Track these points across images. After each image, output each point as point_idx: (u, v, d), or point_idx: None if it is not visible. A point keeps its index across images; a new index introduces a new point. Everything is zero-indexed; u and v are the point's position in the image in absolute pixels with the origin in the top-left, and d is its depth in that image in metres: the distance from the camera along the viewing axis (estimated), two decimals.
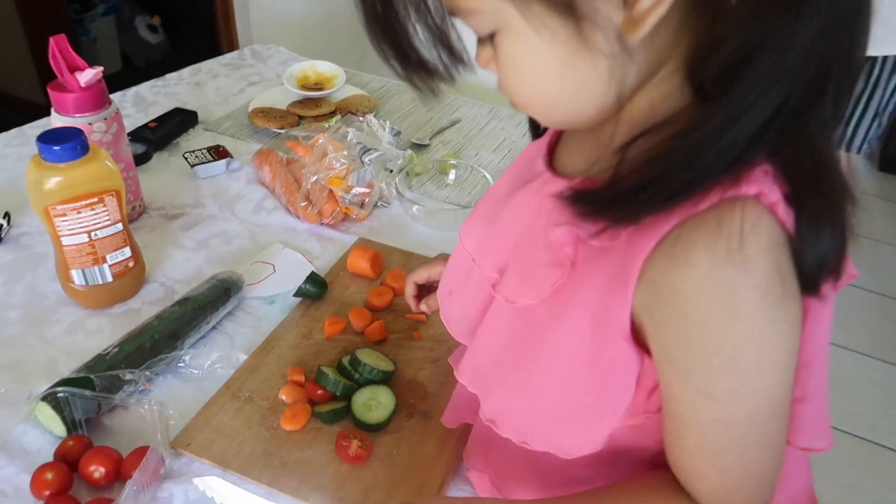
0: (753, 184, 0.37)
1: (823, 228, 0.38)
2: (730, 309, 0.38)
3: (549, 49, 0.39)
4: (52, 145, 0.70)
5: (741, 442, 0.43)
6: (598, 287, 0.43)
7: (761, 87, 0.35)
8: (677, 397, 0.43)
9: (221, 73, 1.35)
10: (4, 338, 0.76)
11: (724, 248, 0.37)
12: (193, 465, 0.64)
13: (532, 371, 0.48)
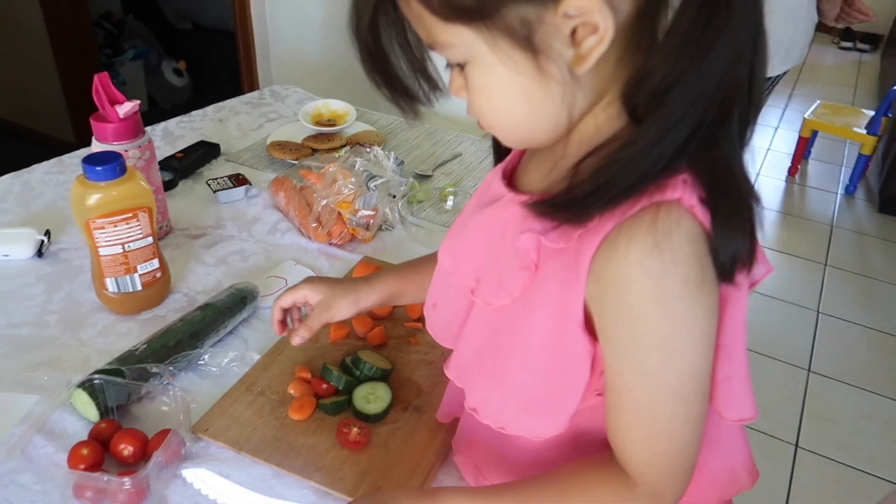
0: (675, 190, 0.45)
1: (734, 226, 0.46)
2: (658, 294, 0.46)
3: (513, 78, 0.46)
4: (95, 166, 0.79)
5: (666, 416, 0.50)
6: (556, 284, 0.50)
7: (682, 110, 0.44)
8: (616, 376, 0.51)
9: (242, 111, 1.47)
10: (45, 338, 0.85)
11: (652, 242, 0.44)
12: (210, 448, 0.72)
13: (507, 363, 0.56)
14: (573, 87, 0.47)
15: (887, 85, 3.58)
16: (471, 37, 0.45)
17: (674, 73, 0.43)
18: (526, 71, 0.46)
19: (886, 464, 1.81)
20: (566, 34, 0.44)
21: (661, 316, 0.46)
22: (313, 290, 0.76)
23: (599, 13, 0.42)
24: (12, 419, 0.70)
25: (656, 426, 0.50)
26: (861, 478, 1.77)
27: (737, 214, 0.46)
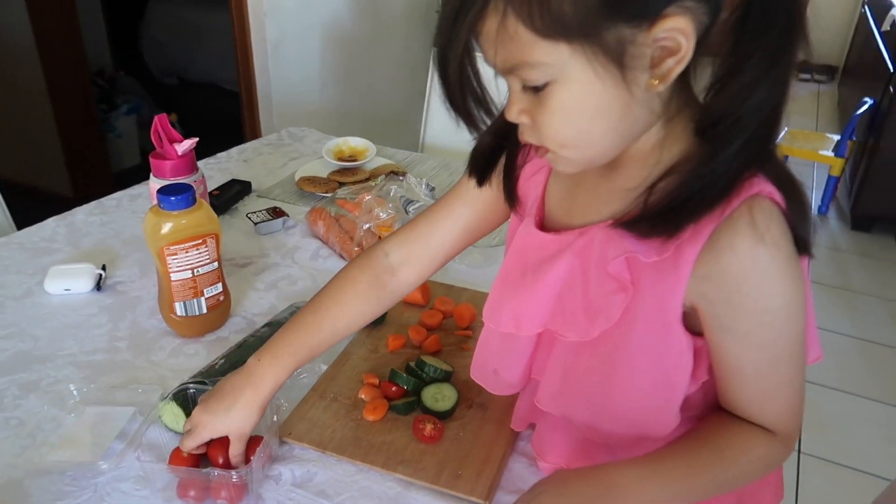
0: (756, 187, 0.53)
1: (801, 210, 0.54)
2: (771, 276, 0.54)
3: (600, 94, 0.50)
4: (170, 196, 0.86)
5: (787, 374, 0.58)
6: (655, 294, 0.57)
7: (751, 128, 0.51)
8: (736, 355, 0.58)
9: (265, 152, 1.54)
10: (119, 361, 0.90)
11: (754, 235, 0.52)
12: (294, 450, 0.77)
13: (611, 380, 0.62)
14: (644, 105, 0.52)
15: (846, 111, 3.80)
16: (567, 54, 0.49)
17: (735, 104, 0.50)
18: (611, 88, 0.50)
19: (882, 463, 1.89)
20: (649, 55, 0.49)
21: (777, 293, 0.55)
22: (213, 430, 0.71)
23: (684, 35, 0.48)
24: (112, 431, 0.75)
25: (780, 385, 0.59)
26: (861, 477, 1.85)
27: (801, 201, 0.55)
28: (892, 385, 2.19)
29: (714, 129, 0.51)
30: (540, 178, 0.68)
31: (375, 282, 0.78)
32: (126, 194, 1.34)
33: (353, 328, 0.80)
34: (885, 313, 2.56)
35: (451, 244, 0.78)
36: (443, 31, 0.51)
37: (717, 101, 0.51)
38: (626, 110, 0.52)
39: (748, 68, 0.49)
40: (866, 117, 3.05)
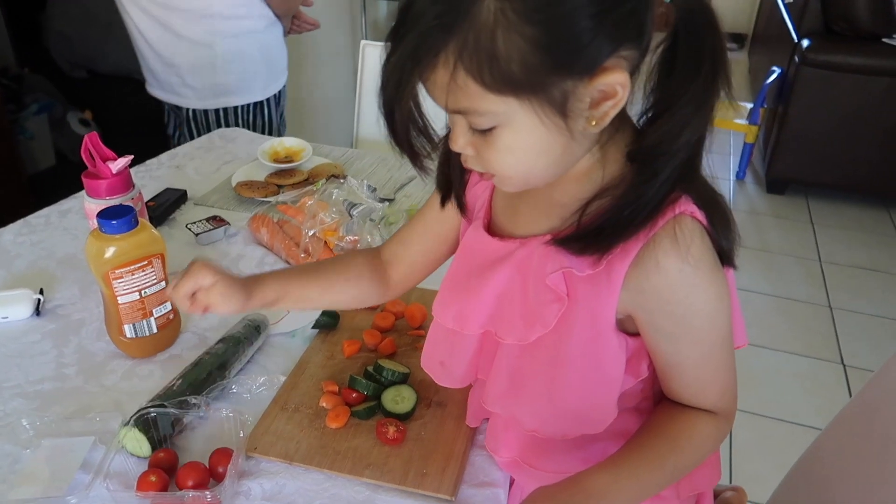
0: (680, 206, 0.58)
1: (724, 221, 0.61)
2: (696, 287, 0.60)
3: (542, 138, 0.55)
4: (111, 221, 0.85)
5: (720, 360, 0.66)
6: (589, 304, 0.62)
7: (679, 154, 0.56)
8: (673, 353, 0.65)
9: (197, 156, 1.51)
10: (70, 389, 0.88)
11: (678, 252, 0.58)
12: (262, 464, 0.78)
13: (553, 381, 0.66)
14: (584, 139, 0.58)
15: (757, 78, 3.98)
16: (515, 106, 0.53)
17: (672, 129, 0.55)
18: (555, 132, 0.54)
19: (806, 412, 2.04)
20: (588, 100, 0.53)
21: (703, 301, 0.62)
22: (208, 277, 0.75)
23: (621, 85, 0.53)
24: (73, 463, 0.74)
25: (715, 372, 0.67)
26: (788, 427, 1.99)
27: (723, 216, 0.61)
28: (810, 339, 2.36)
29: (644, 158, 0.57)
30: (486, 185, 0.72)
31: (374, 270, 0.84)
32: (54, 210, 1.29)
33: (340, 301, 0.87)
34: (800, 271, 2.74)
35: (429, 251, 0.83)
36: (392, 79, 0.53)
37: (649, 136, 0.56)
38: (567, 148, 0.57)
39: (678, 108, 0.54)
40: (775, 86, 3.21)
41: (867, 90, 2.90)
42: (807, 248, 2.90)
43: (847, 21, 3.02)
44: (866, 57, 2.91)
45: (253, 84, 1.73)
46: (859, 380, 2.15)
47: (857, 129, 2.98)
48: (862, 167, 3.05)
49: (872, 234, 3.02)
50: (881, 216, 3.15)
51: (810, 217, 3.14)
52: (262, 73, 1.74)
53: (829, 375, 2.20)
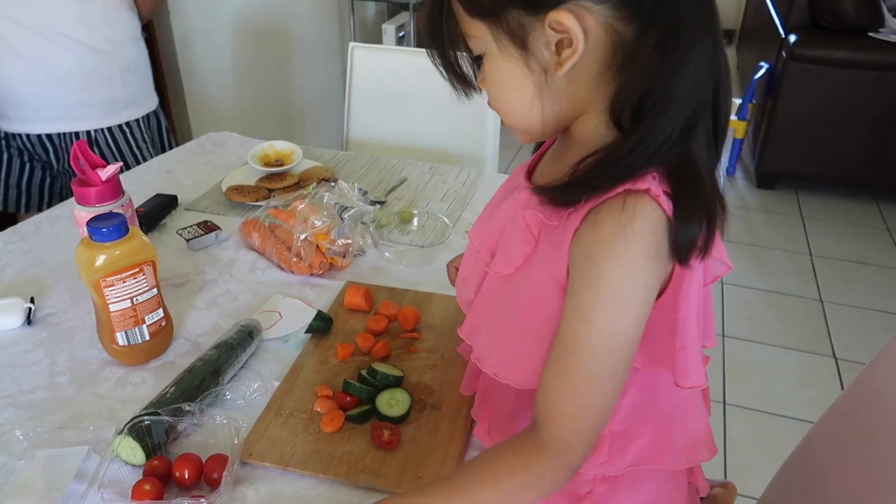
0: (645, 182, 0.57)
1: (692, 217, 0.57)
2: (617, 257, 0.57)
3: (510, 70, 0.61)
4: (101, 228, 0.84)
5: (598, 372, 0.60)
6: (549, 256, 0.63)
7: (656, 124, 0.56)
8: (567, 326, 0.61)
9: (187, 160, 1.51)
10: (63, 398, 0.88)
11: (619, 218, 0.56)
12: (256, 470, 0.78)
13: (509, 323, 0.68)
14: (554, 88, 0.61)
15: (745, 74, 4.00)
16: (485, 31, 0.60)
17: (645, 95, 0.56)
18: (519, 66, 0.60)
19: (800, 406, 2.06)
20: (552, 43, 0.58)
21: (617, 273, 0.57)
22: None
23: (574, 31, 0.56)
24: (67, 473, 0.74)
25: (586, 379, 0.60)
26: (781, 422, 2.00)
27: (696, 208, 0.57)
28: (800, 332, 2.37)
29: (617, 120, 0.60)
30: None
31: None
32: (44, 217, 1.29)
33: None
34: (790, 266, 2.75)
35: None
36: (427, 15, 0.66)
37: (624, 95, 0.59)
38: (541, 89, 0.61)
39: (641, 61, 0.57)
40: (763, 81, 3.23)
41: (854, 84, 2.92)
42: (797, 242, 2.92)
43: (833, 16, 3.04)
44: (853, 51, 2.93)
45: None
46: (851, 373, 2.17)
47: (844, 122, 3.00)
48: (850, 160, 3.07)
49: (862, 227, 3.04)
50: (870, 209, 3.18)
51: (800, 211, 3.16)
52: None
53: (821, 369, 2.21)
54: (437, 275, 1.13)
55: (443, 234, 1.20)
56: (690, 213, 0.57)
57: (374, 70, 1.87)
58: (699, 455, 0.74)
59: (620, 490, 0.71)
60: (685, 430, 0.72)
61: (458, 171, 1.46)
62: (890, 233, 2.99)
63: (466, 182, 1.42)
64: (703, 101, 0.57)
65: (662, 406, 0.70)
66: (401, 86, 1.84)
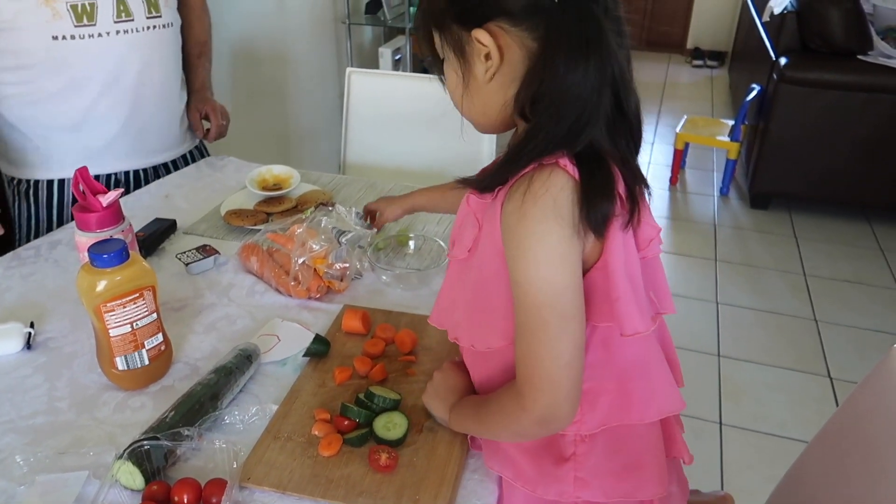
0: (552, 159, 0.67)
1: (600, 193, 0.66)
2: (523, 221, 0.67)
3: (459, 73, 0.73)
4: (102, 254, 0.86)
5: (525, 320, 0.69)
6: (490, 231, 0.72)
7: (550, 116, 0.67)
8: (513, 290, 0.70)
9: (185, 185, 1.53)
10: (63, 423, 0.89)
11: (525, 187, 0.67)
12: (255, 494, 0.79)
13: (473, 297, 0.78)
14: (487, 89, 0.73)
15: (738, 94, 4.05)
16: (438, 40, 0.74)
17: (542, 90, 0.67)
18: (462, 71, 0.73)
19: (796, 426, 2.06)
20: (481, 55, 0.70)
21: (525, 236, 0.67)
22: (378, 202, 1.24)
23: (491, 47, 0.69)
24: (67, 498, 0.75)
25: (520, 330, 0.70)
26: (777, 442, 2.01)
27: (601, 179, 0.67)
28: (794, 352, 2.38)
29: (520, 112, 0.71)
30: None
31: None
32: (44, 242, 1.30)
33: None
34: (785, 285, 2.77)
35: None
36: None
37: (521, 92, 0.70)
38: (479, 91, 0.73)
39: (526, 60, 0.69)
40: (756, 102, 3.27)
41: (844, 105, 2.96)
42: (791, 261, 2.94)
43: (823, 39, 3.09)
44: (842, 73, 2.97)
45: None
46: (846, 392, 2.17)
47: (836, 143, 3.04)
48: (842, 180, 3.10)
49: (855, 246, 3.07)
50: (863, 229, 3.20)
51: (794, 231, 3.18)
52: None
53: (816, 388, 2.22)
54: (434, 298, 1.14)
55: (439, 258, 1.21)
56: (596, 183, 0.67)
57: (371, 94, 1.90)
58: (668, 406, 0.80)
59: (600, 450, 0.78)
60: (649, 384, 0.79)
61: None
62: (883, 252, 3.02)
63: None
64: (595, 102, 0.67)
65: (624, 362, 0.77)
66: (397, 109, 1.86)
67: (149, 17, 1.43)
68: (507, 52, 0.69)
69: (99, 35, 1.36)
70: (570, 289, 0.68)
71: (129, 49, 1.42)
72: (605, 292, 0.70)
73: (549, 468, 0.78)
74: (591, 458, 0.78)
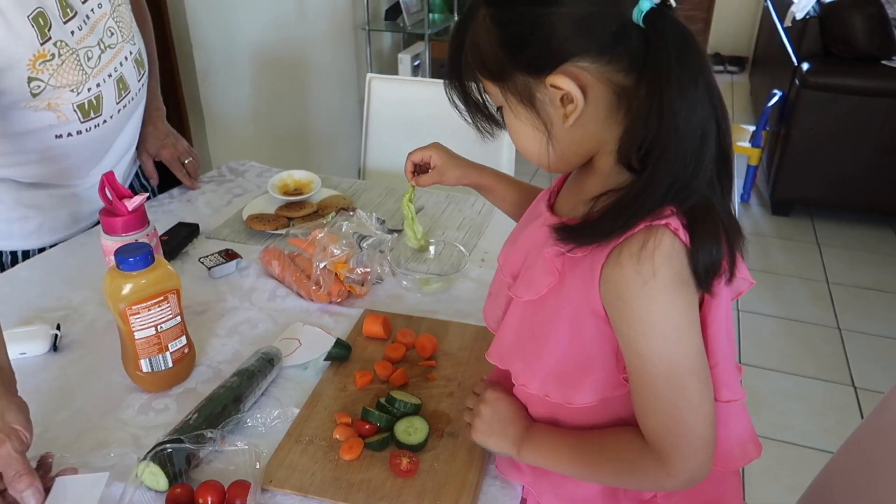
0: (664, 219, 0.61)
1: (708, 246, 0.61)
2: (643, 291, 0.61)
3: (527, 120, 0.67)
4: (128, 258, 0.87)
5: (664, 392, 0.64)
6: (578, 285, 0.67)
7: (662, 166, 0.60)
8: (628, 360, 0.66)
9: (207, 190, 1.54)
10: (87, 424, 0.90)
11: (640, 254, 0.61)
12: (276, 497, 0.79)
13: (542, 347, 0.72)
14: (565, 135, 0.67)
15: (758, 100, 4.02)
16: (497, 91, 0.68)
17: (648, 139, 0.60)
18: (529, 118, 0.67)
19: (818, 436, 2.03)
20: (556, 99, 0.64)
21: (647, 309, 0.62)
22: (437, 154, 1.04)
23: (572, 91, 0.62)
24: (91, 500, 0.75)
25: (657, 401, 0.65)
26: (800, 451, 1.98)
27: (711, 236, 0.62)
28: (818, 361, 2.35)
29: (626, 162, 0.65)
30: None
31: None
32: (70, 245, 1.32)
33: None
34: (807, 293, 2.74)
35: None
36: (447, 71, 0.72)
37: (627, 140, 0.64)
38: (552, 138, 0.67)
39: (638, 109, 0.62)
40: (777, 108, 3.24)
41: (867, 111, 2.92)
42: (813, 269, 2.91)
43: (845, 44, 3.05)
44: (865, 79, 2.94)
45: None
46: (871, 402, 2.14)
47: (858, 149, 3.00)
48: (865, 186, 3.06)
49: (878, 253, 3.03)
50: (886, 236, 3.16)
51: (816, 238, 3.15)
52: None
53: (840, 398, 2.19)
54: (454, 303, 1.14)
55: (459, 263, 1.21)
56: (706, 241, 0.61)
57: (392, 100, 1.90)
58: (748, 455, 0.77)
59: (680, 494, 0.75)
60: (735, 432, 0.76)
61: (474, 200, 1.47)
62: None
63: (482, 211, 1.44)
64: (705, 138, 0.60)
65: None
66: (416, 115, 1.87)
67: (139, 80, 1.32)
68: (591, 91, 0.62)
69: (104, 122, 1.24)
70: (702, 355, 0.65)
71: (125, 120, 1.33)
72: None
73: None
74: (670, 499, 0.76)
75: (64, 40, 1.11)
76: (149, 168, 1.49)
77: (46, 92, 1.11)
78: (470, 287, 1.18)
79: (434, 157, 1.03)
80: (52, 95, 1.12)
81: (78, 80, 1.14)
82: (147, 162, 1.48)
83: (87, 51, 1.15)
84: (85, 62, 1.15)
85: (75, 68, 1.13)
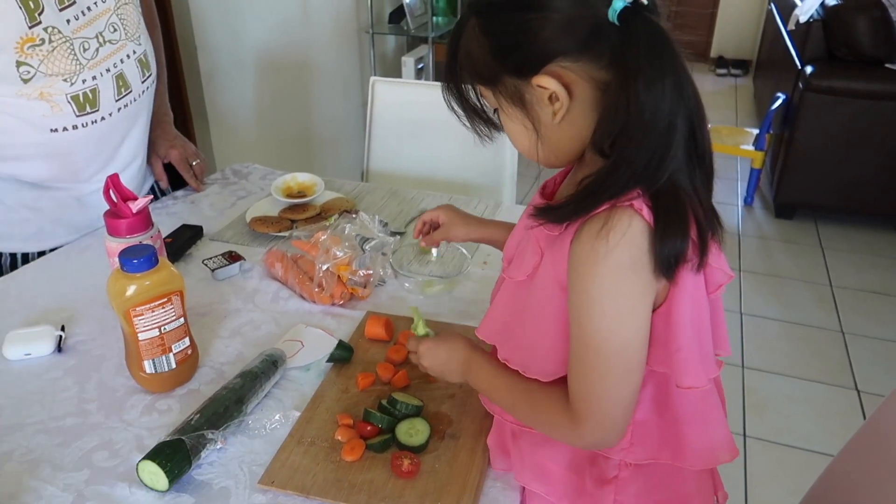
0: (629, 199, 0.63)
1: (673, 232, 0.63)
2: (594, 268, 0.65)
3: (520, 120, 0.71)
4: (132, 259, 0.87)
5: (590, 363, 0.68)
6: (554, 263, 0.70)
7: (631, 151, 0.63)
8: (571, 330, 0.69)
9: (211, 192, 1.55)
10: (91, 424, 0.90)
11: (598, 231, 0.63)
12: (279, 497, 0.80)
13: (527, 324, 0.75)
14: (556, 131, 0.71)
15: (762, 103, 4.02)
16: (491, 94, 0.72)
17: (620, 128, 0.64)
18: (523, 117, 0.71)
19: (821, 439, 2.03)
20: (544, 98, 0.68)
21: (594, 284, 0.65)
22: (445, 213, 1.08)
23: (556, 90, 0.66)
24: None
25: (582, 369, 0.69)
26: (802, 455, 1.98)
27: (676, 223, 0.64)
28: (820, 364, 2.35)
29: (599, 150, 0.68)
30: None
31: None
32: (74, 247, 1.32)
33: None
34: (809, 296, 2.73)
35: None
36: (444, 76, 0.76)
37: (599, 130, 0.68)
38: (548, 134, 0.71)
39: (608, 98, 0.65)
40: (780, 111, 3.24)
41: (871, 114, 2.92)
42: (817, 272, 2.90)
43: (849, 47, 3.05)
44: (869, 82, 2.94)
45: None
46: (874, 405, 2.14)
47: (862, 152, 3.00)
48: (868, 190, 3.06)
49: (882, 257, 3.02)
50: (890, 239, 3.15)
51: (819, 241, 3.14)
52: None
53: (842, 401, 2.19)
54: (456, 305, 1.15)
55: (461, 265, 1.22)
56: (671, 226, 0.63)
57: (395, 103, 1.91)
58: (718, 457, 0.78)
59: (643, 480, 0.77)
60: (704, 432, 0.76)
61: (477, 202, 1.48)
62: None
63: (485, 213, 1.44)
64: (671, 130, 0.63)
65: (680, 403, 0.74)
66: (420, 118, 1.87)
67: (143, 81, 1.30)
68: (575, 88, 0.66)
69: (102, 119, 1.22)
70: (637, 341, 0.67)
71: (129, 121, 1.31)
72: (665, 340, 0.68)
73: (590, 487, 0.77)
74: (633, 485, 0.77)
75: (57, 27, 1.11)
76: (158, 171, 1.50)
77: (37, 79, 1.11)
78: (472, 289, 1.19)
79: (441, 216, 1.08)
80: (44, 84, 1.12)
81: (71, 69, 1.14)
82: (157, 164, 1.49)
83: (83, 41, 1.15)
84: (80, 53, 1.15)
85: (68, 57, 1.13)
